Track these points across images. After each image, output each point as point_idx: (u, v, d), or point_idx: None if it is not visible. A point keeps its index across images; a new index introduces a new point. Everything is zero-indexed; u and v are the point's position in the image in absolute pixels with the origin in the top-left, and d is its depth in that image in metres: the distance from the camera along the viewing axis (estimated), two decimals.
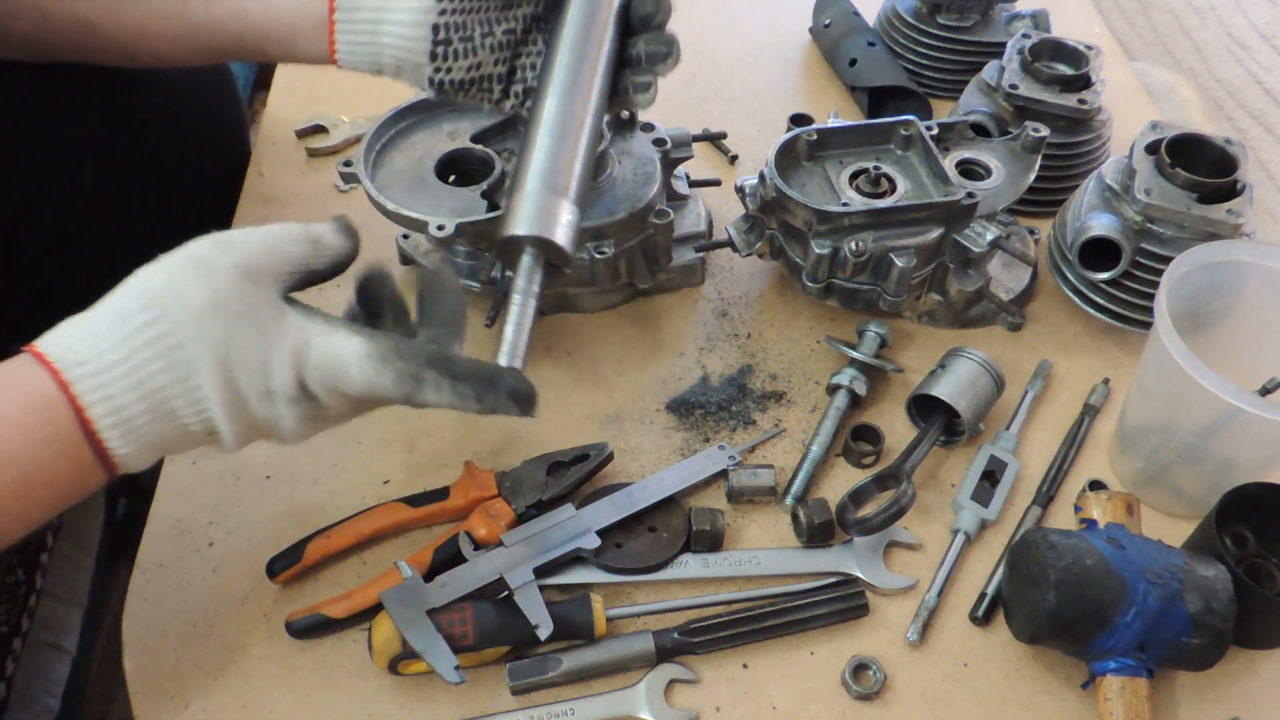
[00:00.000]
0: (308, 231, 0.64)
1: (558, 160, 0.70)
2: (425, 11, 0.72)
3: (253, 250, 0.61)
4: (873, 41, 1.25)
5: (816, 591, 0.78)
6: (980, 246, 0.89)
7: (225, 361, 0.59)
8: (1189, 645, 0.69)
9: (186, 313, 0.58)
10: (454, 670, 0.70)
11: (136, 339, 0.57)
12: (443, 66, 0.74)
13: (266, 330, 0.60)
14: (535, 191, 0.68)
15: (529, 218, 0.68)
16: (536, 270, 0.70)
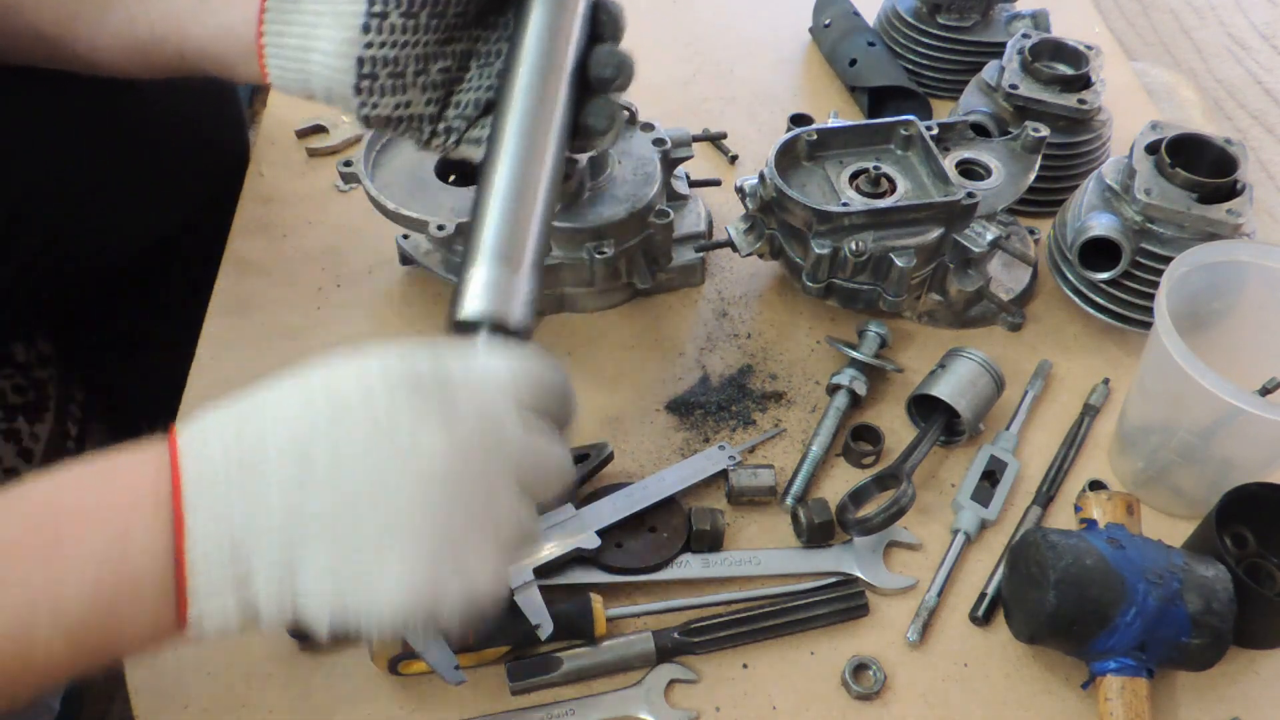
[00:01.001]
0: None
1: (513, 230, 0.65)
2: (350, 43, 0.67)
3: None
4: (873, 41, 1.25)
5: (816, 591, 0.78)
6: (980, 246, 0.89)
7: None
8: (1189, 645, 0.69)
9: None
10: (454, 670, 0.70)
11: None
12: (368, 102, 0.68)
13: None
14: (488, 267, 0.63)
15: (481, 295, 0.62)
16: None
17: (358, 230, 1.06)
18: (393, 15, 0.66)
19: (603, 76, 0.69)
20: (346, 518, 0.48)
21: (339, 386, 0.50)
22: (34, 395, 1.05)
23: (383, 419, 0.49)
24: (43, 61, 0.82)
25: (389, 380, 0.50)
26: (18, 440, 1.01)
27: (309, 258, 1.03)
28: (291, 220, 1.07)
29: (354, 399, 0.50)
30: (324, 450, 0.49)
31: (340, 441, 0.49)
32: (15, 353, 1.04)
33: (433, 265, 0.97)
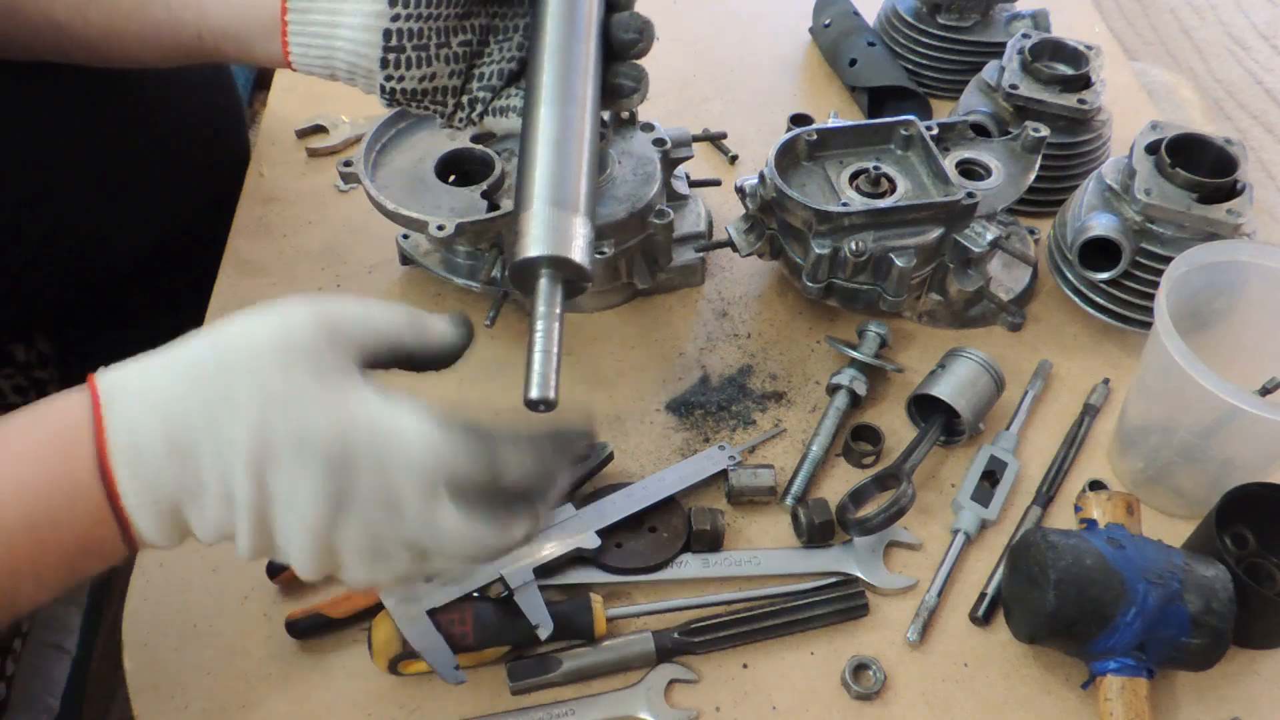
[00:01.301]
0: (412, 313, 0.57)
1: (562, 172, 0.65)
2: (378, 16, 0.69)
3: (341, 310, 0.54)
4: (873, 41, 1.25)
5: (816, 591, 0.78)
6: (980, 246, 0.89)
7: (266, 402, 0.50)
8: (1189, 645, 0.69)
9: (245, 349, 0.52)
10: (454, 670, 0.70)
11: (182, 368, 0.52)
12: (394, 74, 0.70)
13: (326, 383, 0.51)
14: (543, 209, 0.63)
15: (541, 237, 0.62)
16: (556, 291, 0.64)
17: (358, 230, 1.06)
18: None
19: (625, 40, 0.71)
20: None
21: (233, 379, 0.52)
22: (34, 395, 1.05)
23: (268, 461, 0.51)
24: (55, 52, 0.82)
25: (285, 429, 0.51)
26: None
27: (309, 258, 1.04)
28: (291, 220, 1.07)
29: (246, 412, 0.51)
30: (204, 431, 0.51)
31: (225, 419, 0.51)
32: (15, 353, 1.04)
33: (432, 265, 0.97)
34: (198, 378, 0.51)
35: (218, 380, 0.51)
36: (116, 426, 0.50)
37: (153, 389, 0.51)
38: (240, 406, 0.51)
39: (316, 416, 0.51)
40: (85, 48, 0.81)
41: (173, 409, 0.51)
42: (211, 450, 0.51)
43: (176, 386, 0.51)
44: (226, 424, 0.50)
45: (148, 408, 0.51)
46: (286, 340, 0.52)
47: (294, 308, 0.54)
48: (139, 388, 0.52)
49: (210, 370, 0.51)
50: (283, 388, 0.51)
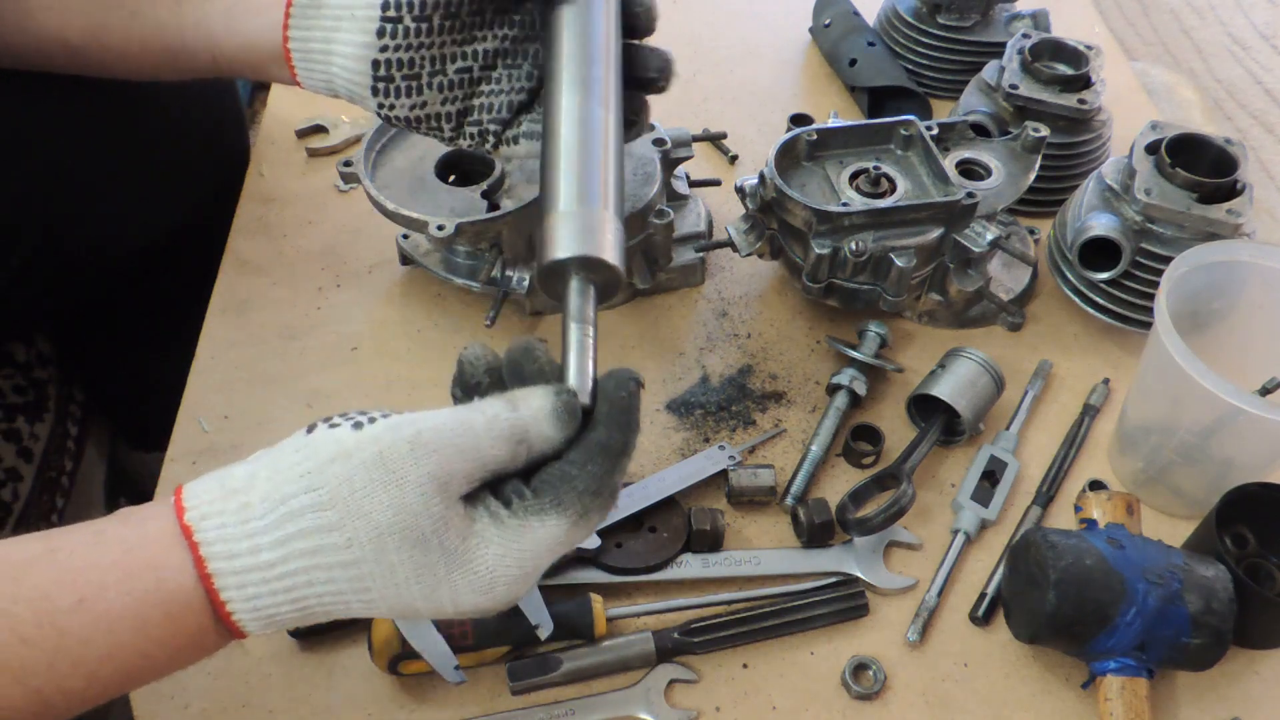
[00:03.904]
0: (514, 428, 0.53)
1: (588, 170, 0.62)
2: (366, 46, 0.69)
3: (451, 456, 0.52)
4: (873, 41, 1.25)
5: (816, 591, 0.78)
6: (980, 246, 0.89)
7: (401, 593, 0.52)
8: (1189, 645, 0.69)
9: (365, 529, 0.51)
10: (454, 670, 0.70)
11: (300, 544, 0.51)
12: (385, 102, 0.70)
13: (452, 559, 0.52)
14: (571, 208, 0.60)
15: (570, 238, 0.59)
16: (589, 295, 0.59)
17: (358, 230, 1.06)
18: (405, 19, 0.68)
19: (645, 78, 0.71)
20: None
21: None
22: (34, 395, 1.05)
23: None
24: (68, 69, 0.83)
25: (375, 457, 0.52)
26: (18, 440, 1.01)
27: (309, 258, 1.03)
28: (291, 220, 1.07)
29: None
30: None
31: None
32: (15, 353, 1.04)
33: (432, 265, 0.96)
34: (316, 555, 0.51)
35: (344, 568, 0.51)
36: (235, 598, 0.51)
37: (267, 564, 0.51)
38: (376, 598, 0.52)
39: (455, 591, 0.53)
40: (98, 66, 0.82)
41: (298, 589, 0.51)
42: (348, 613, 0.53)
43: (292, 564, 0.51)
44: (364, 605, 0.53)
45: (272, 585, 0.51)
46: (402, 519, 0.51)
47: (405, 470, 0.51)
48: (249, 558, 0.51)
49: (328, 550, 0.51)
50: (411, 575, 0.52)
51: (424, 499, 0.51)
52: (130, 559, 0.51)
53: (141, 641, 0.51)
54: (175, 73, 0.81)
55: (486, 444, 0.52)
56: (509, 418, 0.53)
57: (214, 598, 0.51)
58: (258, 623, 0.52)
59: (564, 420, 0.54)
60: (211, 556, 0.51)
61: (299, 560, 0.51)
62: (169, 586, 0.51)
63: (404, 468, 0.51)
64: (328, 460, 0.51)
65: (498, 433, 0.53)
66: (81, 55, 0.81)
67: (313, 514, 0.51)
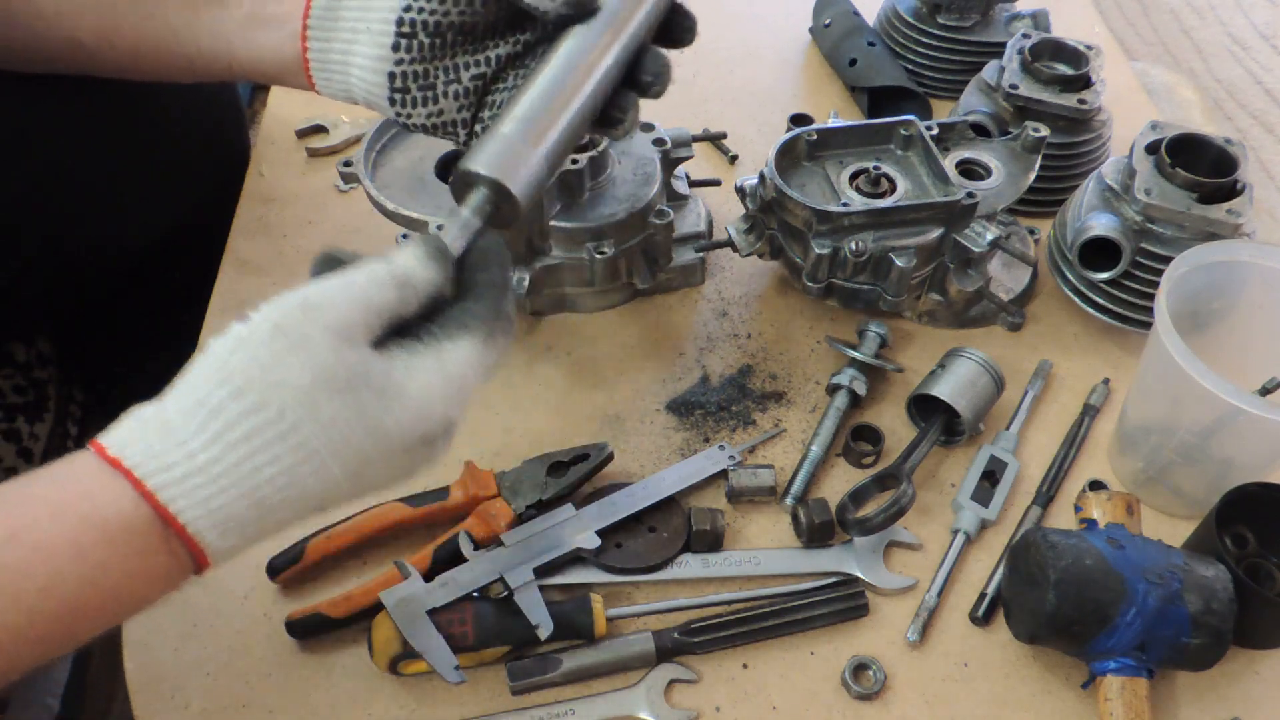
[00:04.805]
0: (393, 273, 0.57)
1: (540, 113, 0.66)
2: (382, 60, 0.70)
3: (343, 308, 0.54)
4: (873, 41, 1.25)
5: (816, 591, 0.78)
6: (980, 246, 0.89)
7: (349, 441, 0.53)
8: (1189, 645, 0.69)
9: (290, 396, 0.52)
10: (454, 670, 0.70)
11: (233, 433, 0.51)
12: (402, 112, 0.72)
13: (385, 395, 0.54)
14: (507, 135, 0.65)
15: (491, 157, 0.64)
16: (484, 210, 0.64)
17: (358, 230, 1.06)
18: (420, 35, 0.70)
19: (643, 81, 0.73)
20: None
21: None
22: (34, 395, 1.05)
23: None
24: (81, 70, 0.84)
25: (271, 331, 0.54)
26: (18, 440, 1.01)
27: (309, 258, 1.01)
28: (291, 220, 1.07)
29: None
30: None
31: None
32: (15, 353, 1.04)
33: None
34: (252, 438, 0.52)
35: (282, 439, 0.52)
36: (185, 506, 0.51)
37: (207, 463, 0.51)
38: (326, 454, 0.53)
39: (399, 424, 0.55)
40: (109, 67, 0.82)
41: (245, 477, 0.52)
42: (313, 498, 0.55)
43: (232, 455, 0.52)
44: (317, 472, 0.53)
45: (219, 483, 0.52)
46: (321, 374, 0.52)
47: (304, 330, 0.53)
48: (185, 464, 0.51)
49: (262, 428, 0.52)
50: (351, 420, 0.53)
51: (334, 350, 0.53)
52: (60, 493, 0.51)
53: (84, 568, 0.50)
54: (191, 76, 0.82)
55: (373, 291, 0.55)
56: (386, 268, 0.57)
57: (162, 513, 0.51)
58: (215, 528, 0.52)
59: (436, 259, 0.58)
60: (148, 474, 0.51)
61: (238, 450, 0.51)
62: (105, 511, 0.50)
63: (302, 329, 0.53)
64: (228, 354, 0.53)
65: (380, 280, 0.56)
66: (95, 57, 0.81)
67: (233, 403, 0.52)
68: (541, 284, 0.95)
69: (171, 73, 0.82)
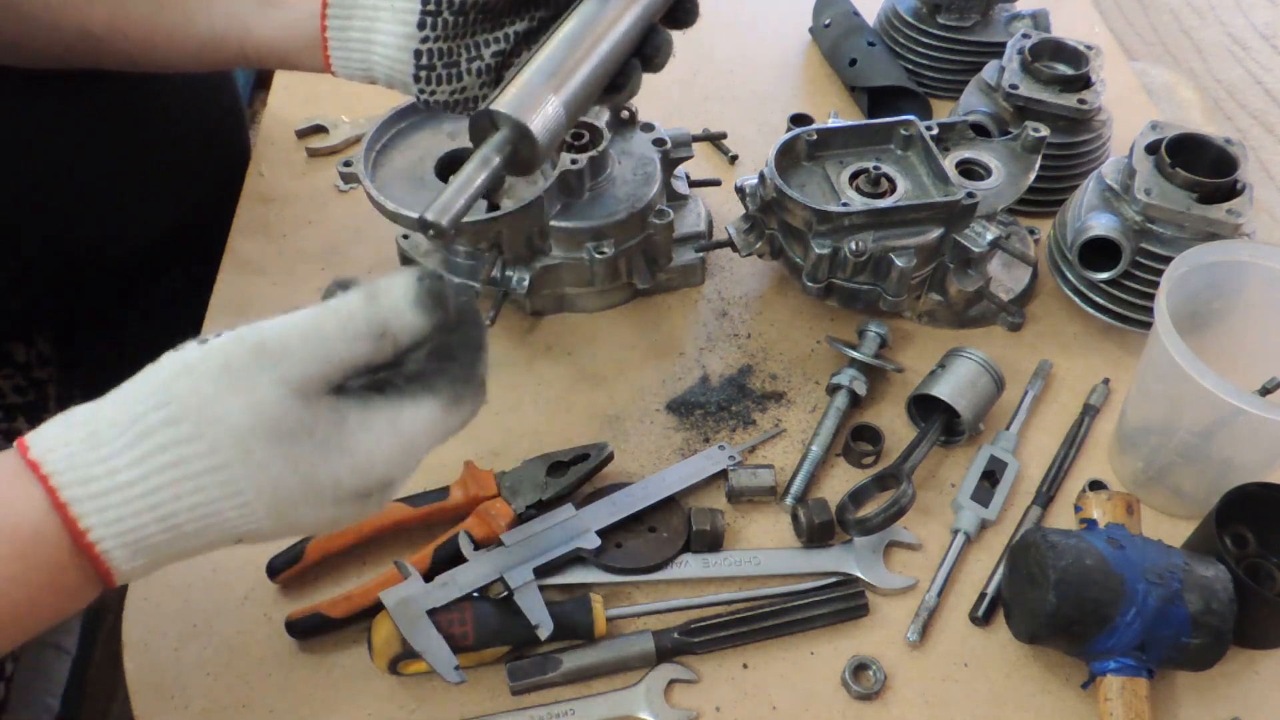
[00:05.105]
0: (372, 322, 0.52)
1: (561, 63, 0.68)
2: (408, 38, 0.72)
3: (301, 361, 0.51)
4: (873, 41, 1.25)
5: (816, 591, 0.78)
6: (980, 246, 0.89)
7: (277, 488, 0.51)
8: (1189, 645, 0.69)
9: (225, 434, 0.50)
10: (454, 670, 0.70)
11: (160, 458, 0.49)
12: (426, 89, 0.73)
13: (327, 448, 0.51)
14: (529, 80, 0.66)
15: (513, 99, 0.65)
16: (504, 149, 0.64)
17: (358, 230, 1.06)
18: (445, 13, 0.71)
19: (644, 53, 0.75)
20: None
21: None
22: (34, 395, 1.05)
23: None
24: (90, 62, 0.84)
25: (219, 368, 0.52)
26: None
27: (309, 258, 1.04)
28: (291, 220, 1.07)
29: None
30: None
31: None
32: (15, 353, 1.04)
33: (433, 265, 0.96)
34: (178, 467, 0.50)
35: (208, 474, 0.50)
36: (96, 524, 0.49)
37: (127, 483, 0.49)
38: (253, 499, 0.51)
39: (336, 480, 0.52)
40: (120, 58, 0.83)
41: (164, 504, 0.50)
42: (228, 532, 0.52)
43: (154, 480, 0.50)
44: (241, 512, 0.51)
45: (136, 505, 0.50)
46: (262, 420, 0.50)
47: (252, 375, 0.50)
48: (106, 480, 0.49)
49: (191, 460, 0.50)
50: (285, 472, 0.51)
51: (279, 401, 0.50)
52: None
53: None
54: (199, 64, 0.82)
55: (340, 346, 0.51)
56: (366, 314, 0.52)
57: (72, 527, 0.49)
58: (124, 549, 0.50)
59: (428, 306, 0.53)
60: (64, 485, 0.49)
61: (162, 475, 0.49)
62: (17, 520, 0.49)
63: (251, 375, 0.50)
64: (172, 377, 0.51)
65: (353, 332, 0.51)
66: (105, 47, 0.81)
67: (167, 428, 0.49)
68: (541, 284, 0.95)
69: (182, 60, 0.82)
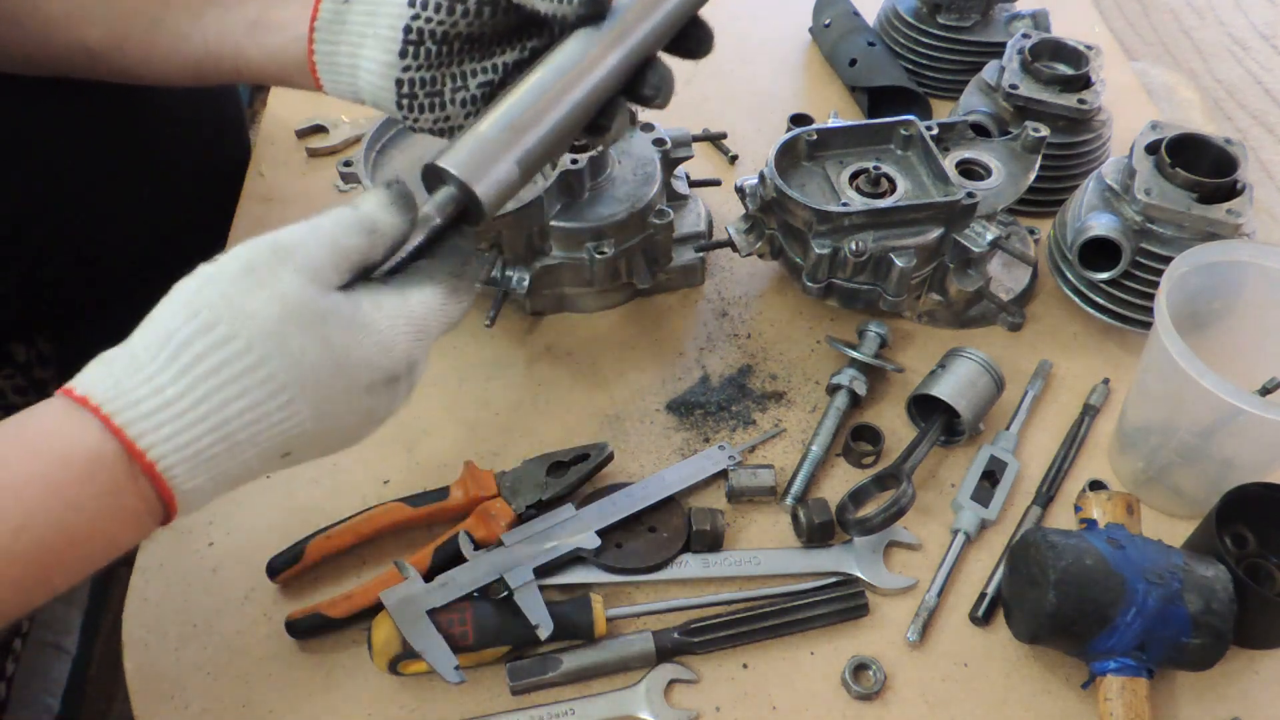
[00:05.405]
0: (361, 220, 0.58)
1: (521, 117, 0.66)
2: (390, 66, 0.70)
3: (312, 249, 0.56)
4: (873, 41, 1.25)
5: (816, 591, 0.78)
6: (980, 246, 0.89)
7: (316, 375, 0.54)
8: (1189, 645, 0.69)
9: (259, 329, 0.52)
10: (454, 670, 0.70)
11: (201, 366, 0.52)
12: (409, 116, 0.72)
13: (353, 327, 0.56)
14: (484, 134, 0.65)
15: (464, 157, 0.64)
16: (446, 209, 0.64)
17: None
18: (427, 42, 0.69)
19: (644, 95, 0.72)
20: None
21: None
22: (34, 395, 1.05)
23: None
24: (89, 74, 0.84)
25: (241, 269, 0.56)
26: None
27: None
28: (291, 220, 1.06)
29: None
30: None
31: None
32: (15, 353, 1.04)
33: None
34: (221, 370, 0.52)
35: (250, 373, 0.53)
36: (155, 442, 0.51)
37: (176, 396, 0.52)
38: (294, 389, 0.54)
39: (366, 361, 0.57)
40: (117, 72, 0.83)
41: (215, 410, 0.52)
42: (278, 433, 0.55)
43: (201, 387, 0.52)
44: (285, 406, 0.54)
45: (189, 417, 0.52)
46: (289, 310, 0.54)
47: (273, 269, 0.55)
48: (154, 399, 0.52)
49: (231, 360, 0.52)
50: (320, 356, 0.55)
51: (303, 288, 0.54)
52: (28, 433, 0.52)
53: (55, 507, 0.50)
54: (198, 80, 0.82)
55: (340, 235, 0.57)
56: (355, 215, 0.58)
57: (130, 448, 0.51)
58: (184, 464, 0.52)
59: (401, 205, 0.60)
60: (116, 411, 0.51)
61: (207, 383, 0.52)
62: (76, 449, 0.50)
63: (271, 268, 0.54)
64: (196, 290, 0.54)
65: (349, 228, 0.58)
66: (102, 62, 0.81)
67: (203, 335, 0.52)
68: (541, 284, 0.95)
69: (180, 76, 0.82)
